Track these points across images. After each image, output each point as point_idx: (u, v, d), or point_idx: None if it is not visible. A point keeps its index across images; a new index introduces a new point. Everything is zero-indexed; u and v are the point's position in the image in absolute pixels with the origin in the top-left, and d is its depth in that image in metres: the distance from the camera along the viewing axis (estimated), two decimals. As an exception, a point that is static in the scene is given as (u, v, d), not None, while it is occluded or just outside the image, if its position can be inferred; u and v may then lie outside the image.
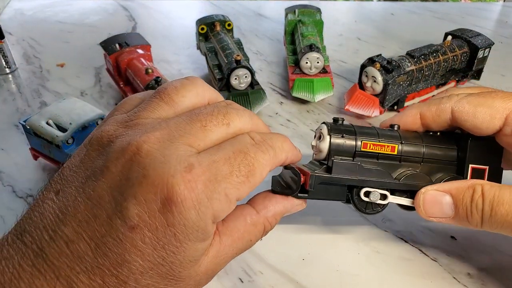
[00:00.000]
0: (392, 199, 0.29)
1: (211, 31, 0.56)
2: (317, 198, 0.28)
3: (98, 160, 0.21)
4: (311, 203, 0.38)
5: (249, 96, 0.49)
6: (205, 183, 0.20)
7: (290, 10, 0.62)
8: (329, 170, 0.28)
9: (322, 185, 0.27)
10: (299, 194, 0.27)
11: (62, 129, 0.36)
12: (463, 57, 0.52)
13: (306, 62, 0.51)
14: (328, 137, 0.28)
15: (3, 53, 0.59)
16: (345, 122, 0.29)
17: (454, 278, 0.31)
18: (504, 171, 0.30)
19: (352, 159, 0.28)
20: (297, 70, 0.53)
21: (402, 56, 0.50)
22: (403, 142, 0.29)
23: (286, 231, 0.35)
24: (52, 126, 0.37)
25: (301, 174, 0.27)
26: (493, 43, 0.53)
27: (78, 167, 0.22)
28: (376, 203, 0.29)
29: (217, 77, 0.50)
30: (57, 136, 0.36)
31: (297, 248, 0.34)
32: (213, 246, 0.23)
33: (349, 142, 0.28)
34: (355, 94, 0.49)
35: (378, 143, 0.28)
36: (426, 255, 0.33)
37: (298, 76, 0.52)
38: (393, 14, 0.84)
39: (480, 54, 0.52)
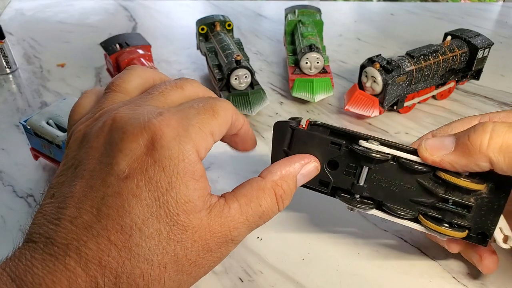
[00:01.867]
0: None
1: (211, 31, 0.56)
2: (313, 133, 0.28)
3: (81, 150, 0.23)
4: (311, 203, 0.38)
5: (249, 96, 0.49)
6: (178, 120, 0.22)
7: (290, 10, 0.62)
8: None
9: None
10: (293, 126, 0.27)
11: (62, 129, 0.37)
12: (463, 57, 0.52)
13: (306, 62, 0.51)
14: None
15: (4, 53, 0.59)
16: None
17: (454, 278, 0.32)
18: None
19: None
20: (297, 70, 0.53)
21: (401, 56, 0.50)
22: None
23: (286, 231, 0.35)
24: (52, 126, 0.37)
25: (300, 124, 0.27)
26: (493, 43, 0.53)
27: (65, 169, 0.23)
28: (372, 150, 0.27)
29: (217, 77, 0.50)
30: (57, 136, 0.36)
31: (297, 248, 0.34)
32: (217, 205, 0.23)
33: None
34: (354, 94, 0.49)
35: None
36: (426, 255, 0.33)
37: (298, 76, 0.52)
38: (392, 14, 0.84)
39: (480, 54, 0.52)
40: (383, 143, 0.27)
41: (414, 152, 0.27)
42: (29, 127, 0.37)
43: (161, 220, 0.21)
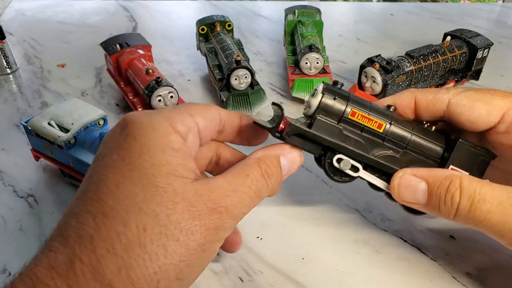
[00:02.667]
0: (364, 174, 0.29)
1: (211, 31, 0.56)
2: (292, 143, 0.28)
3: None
4: (311, 203, 0.38)
5: (249, 96, 0.49)
6: (154, 110, 0.26)
7: (290, 11, 0.62)
8: (309, 125, 0.28)
9: (299, 137, 0.27)
10: (276, 134, 0.27)
11: (64, 129, 0.37)
12: (462, 58, 0.52)
13: (306, 63, 0.52)
14: (320, 94, 0.28)
15: (4, 53, 0.59)
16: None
17: (454, 277, 0.32)
18: None
19: (336, 123, 0.28)
20: (297, 71, 0.53)
21: (401, 56, 0.50)
22: (392, 123, 0.29)
23: (286, 231, 0.35)
24: (53, 127, 0.37)
25: (282, 120, 0.27)
26: (492, 44, 0.53)
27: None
28: (345, 173, 0.29)
29: (217, 77, 0.50)
30: (59, 136, 0.36)
31: (297, 247, 0.34)
32: (202, 177, 0.24)
33: (339, 105, 0.28)
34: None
35: (367, 115, 0.28)
36: (426, 255, 0.33)
37: (298, 77, 0.52)
38: (392, 14, 0.84)
39: (479, 55, 0.52)
40: (354, 156, 0.28)
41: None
42: (30, 128, 0.37)
43: (135, 183, 0.21)
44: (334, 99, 0.28)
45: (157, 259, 0.20)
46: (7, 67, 0.60)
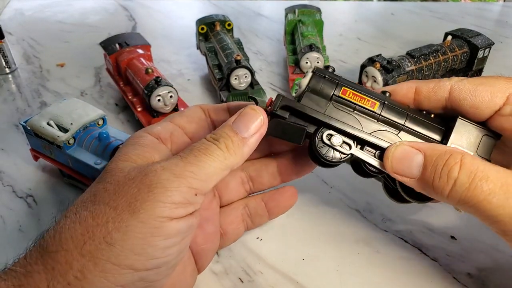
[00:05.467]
0: (356, 151, 0.27)
1: (211, 31, 0.56)
2: (273, 135, 0.27)
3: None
4: (311, 203, 0.38)
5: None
6: None
7: (290, 10, 0.62)
8: (299, 99, 0.27)
9: (280, 124, 0.27)
10: (266, 108, 0.27)
11: (63, 129, 0.36)
12: (463, 57, 0.52)
13: (306, 62, 0.51)
14: (310, 74, 0.27)
15: (3, 53, 0.59)
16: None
17: (454, 278, 0.31)
18: None
19: (327, 100, 0.27)
20: (297, 70, 0.53)
21: (402, 56, 0.50)
22: (386, 102, 0.27)
23: (286, 231, 0.35)
24: (53, 127, 0.37)
25: (270, 98, 0.27)
26: (493, 43, 0.53)
27: None
28: (337, 150, 0.27)
29: (217, 77, 0.50)
30: (58, 136, 0.36)
31: (297, 248, 0.34)
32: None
33: (329, 83, 0.27)
34: (355, 94, 0.49)
35: (359, 94, 0.27)
36: (426, 255, 0.33)
37: (298, 76, 0.52)
38: (393, 14, 0.84)
39: (480, 54, 0.52)
40: (346, 131, 0.27)
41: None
42: (29, 128, 0.37)
43: (100, 176, 0.24)
44: (324, 77, 0.27)
45: (85, 221, 0.21)
46: (6, 66, 0.60)
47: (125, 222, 0.21)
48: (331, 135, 0.27)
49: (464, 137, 0.27)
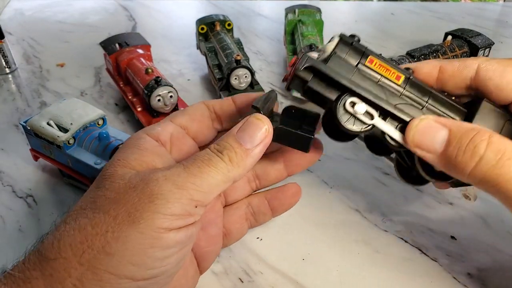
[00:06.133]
0: (379, 122, 0.26)
1: (211, 31, 0.56)
2: (279, 142, 0.26)
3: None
4: (311, 203, 0.38)
5: (249, 96, 0.49)
6: None
7: (290, 10, 0.62)
8: (325, 62, 0.25)
9: (286, 132, 0.26)
10: (289, 70, 0.26)
11: (63, 129, 0.36)
12: (463, 57, 0.52)
13: (306, 62, 0.51)
14: (337, 38, 0.26)
15: (3, 53, 0.59)
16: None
17: (454, 278, 0.31)
18: None
19: (353, 66, 0.26)
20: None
21: (402, 56, 0.50)
22: (411, 78, 0.26)
23: (286, 231, 0.35)
24: (53, 127, 0.37)
25: (295, 57, 0.25)
26: (493, 43, 0.53)
27: None
28: (359, 120, 0.26)
29: (217, 77, 0.50)
30: (58, 136, 0.36)
31: (297, 248, 0.34)
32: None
33: (355, 50, 0.26)
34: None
35: (385, 65, 0.26)
36: (426, 255, 0.33)
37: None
38: (393, 14, 0.84)
39: (480, 54, 0.52)
40: (371, 100, 0.26)
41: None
42: (29, 128, 0.37)
43: (96, 180, 0.24)
44: (351, 44, 0.26)
45: (84, 229, 0.21)
46: (6, 66, 0.60)
47: (124, 232, 0.21)
48: (355, 103, 0.25)
49: (487, 120, 0.26)
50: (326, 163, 0.43)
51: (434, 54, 0.50)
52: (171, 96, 0.45)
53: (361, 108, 0.25)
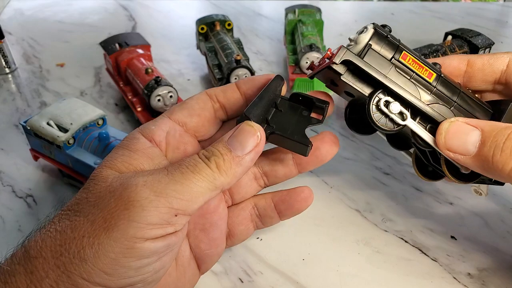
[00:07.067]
0: (411, 123, 0.26)
1: (211, 30, 0.56)
2: (276, 145, 0.26)
3: None
4: (311, 203, 0.38)
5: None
6: None
7: (290, 10, 0.62)
8: (361, 56, 0.24)
9: (282, 140, 0.25)
10: (323, 61, 0.25)
11: (63, 129, 0.36)
12: (463, 57, 0.52)
13: (306, 62, 0.51)
14: (372, 30, 0.25)
15: (3, 53, 0.59)
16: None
17: (454, 278, 0.31)
18: None
19: (388, 60, 0.25)
20: (297, 70, 0.53)
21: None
22: (442, 76, 0.26)
23: (286, 231, 0.35)
24: (52, 127, 0.37)
25: (329, 49, 0.24)
26: (493, 43, 0.53)
27: None
28: (392, 119, 0.25)
29: (217, 77, 0.50)
30: (58, 136, 0.36)
31: (297, 248, 0.34)
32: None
33: (390, 44, 0.25)
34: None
35: (418, 61, 0.25)
36: (426, 255, 0.33)
37: (298, 76, 0.52)
38: (393, 14, 0.84)
39: (480, 54, 0.52)
40: (405, 99, 0.25)
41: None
42: (29, 128, 0.37)
43: (85, 186, 0.23)
44: (386, 37, 0.25)
45: (64, 232, 0.21)
46: (6, 66, 0.60)
47: (98, 239, 0.20)
48: (389, 102, 0.25)
49: None
50: (326, 163, 0.42)
51: (434, 54, 0.50)
52: (171, 96, 0.45)
53: (395, 108, 0.25)
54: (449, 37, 0.53)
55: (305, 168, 0.30)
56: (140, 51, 0.51)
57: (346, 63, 0.25)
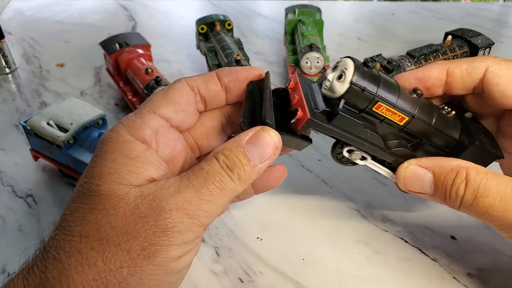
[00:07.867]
0: (371, 164, 0.29)
1: (211, 30, 0.56)
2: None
3: None
4: (312, 203, 0.38)
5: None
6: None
7: (290, 10, 0.62)
8: (329, 117, 0.25)
9: (287, 138, 0.26)
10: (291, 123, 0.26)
11: (63, 129, 0.36)
12: (463, 57, 0.52)
13: (306, 62, 0.51)
14: (348, 84, 0.25)
15: (3, 53, 0.59)
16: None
17: (454, 278, 0.31)
18: None
19: (358, 112, 0.27)
20: (297, 70, 0.53)
21: (402, 56, 0.50)
22: (414, 116, 0.27)
23: (286, 232, 0.35)
24: (53, 127, 0.37)
25: (299, 109, 0.25)
26: (493, 43, 0.53)
27: None
28: (353, 161, 0.29)
29: (217, 77, 0.50)
30: (58, 136, 0.36)
31: (297, 248, 0.34)
32: (156, 180, 0.24)
33: (365, 97, 0.26)
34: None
35: (392, 109, 0.27)
36: (426, 255, 0.33)
37: (298, 76, 0.52)
38: (393, 14, 0.84)
39: (480, 54, 0.52)
40: (369, 152, 0.28)
41: None
42: (29, 128, 0.37)
43: (83, 195, 0.22)
44: (363, 90, 0.25)
45: (95, 265, 0.20)
46: (6, 66, 0.60)
47: (140, 267, 0.21)
48: (352, 150, 0.28)
49: (473, 156, 0.28)
50: (326, 163, 0.43)
51: (434, 54, 0.50)
52: (171, 96, 0.45)
53: (357, 155, 0.28)
54: (449, 37, 0.53)
55: (259, 190, 0.31)
56: (140, 51, 0.51)
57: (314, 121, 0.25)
